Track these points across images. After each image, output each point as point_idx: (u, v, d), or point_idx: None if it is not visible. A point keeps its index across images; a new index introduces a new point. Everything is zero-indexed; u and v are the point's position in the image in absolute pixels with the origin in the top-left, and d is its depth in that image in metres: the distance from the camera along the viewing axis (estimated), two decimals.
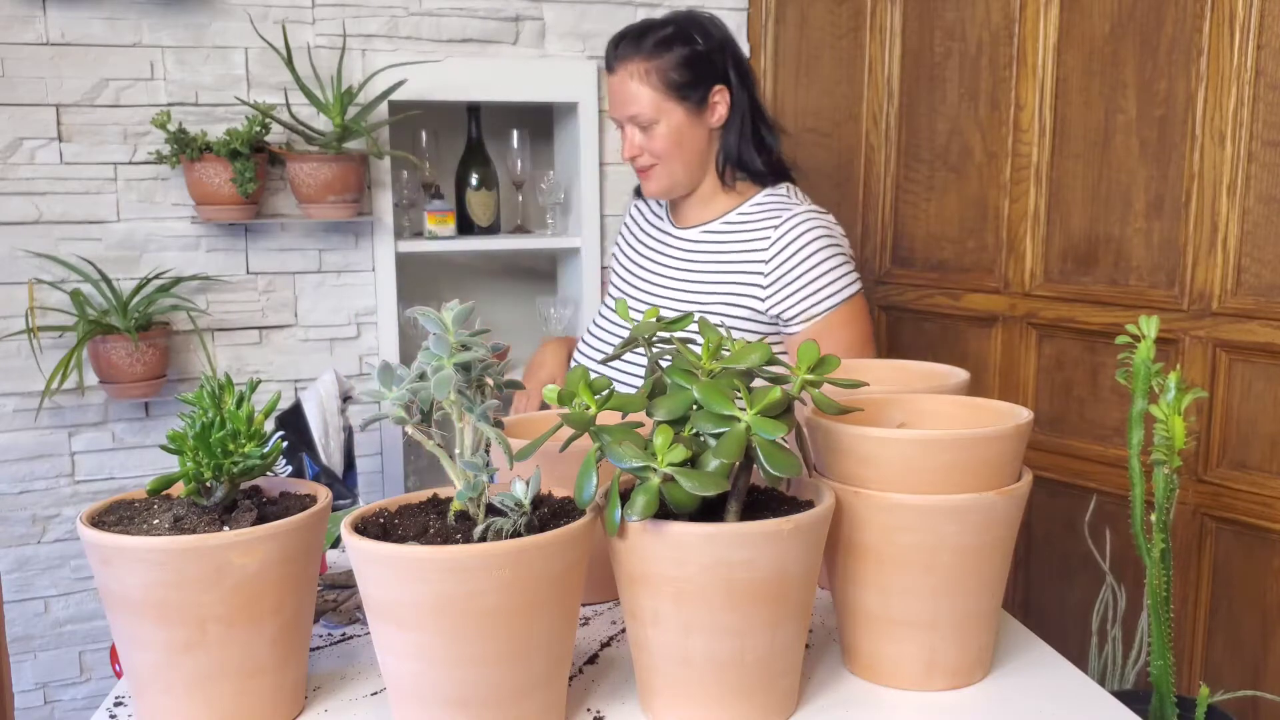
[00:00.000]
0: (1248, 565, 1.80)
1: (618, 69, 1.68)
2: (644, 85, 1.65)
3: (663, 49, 1.65)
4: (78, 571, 2.25)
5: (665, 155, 1.68)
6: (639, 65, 1.65)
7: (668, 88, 1.65)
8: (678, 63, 1.65)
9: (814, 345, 0.95)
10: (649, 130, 1.67)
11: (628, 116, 1.68)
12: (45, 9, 2.08)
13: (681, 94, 1.65)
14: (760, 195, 1.71)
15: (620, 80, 1.68)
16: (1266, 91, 1.71)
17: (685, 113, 1.66)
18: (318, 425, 1.88)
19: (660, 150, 1.68)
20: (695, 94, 1.66)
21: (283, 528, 0.91)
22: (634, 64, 1.66)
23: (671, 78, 1.65)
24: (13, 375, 2.15)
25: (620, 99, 1.68)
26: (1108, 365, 1.96)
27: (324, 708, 1.01)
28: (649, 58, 1.65)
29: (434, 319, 0.91)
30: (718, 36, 1.70)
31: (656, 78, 1.65)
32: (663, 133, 1.66)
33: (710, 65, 1.67)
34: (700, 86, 1.66)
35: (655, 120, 1.66)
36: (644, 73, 1.65)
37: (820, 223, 1.65)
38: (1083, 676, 1.06)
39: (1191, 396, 1.16)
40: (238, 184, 2.10)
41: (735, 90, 1.69)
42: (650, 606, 0.91)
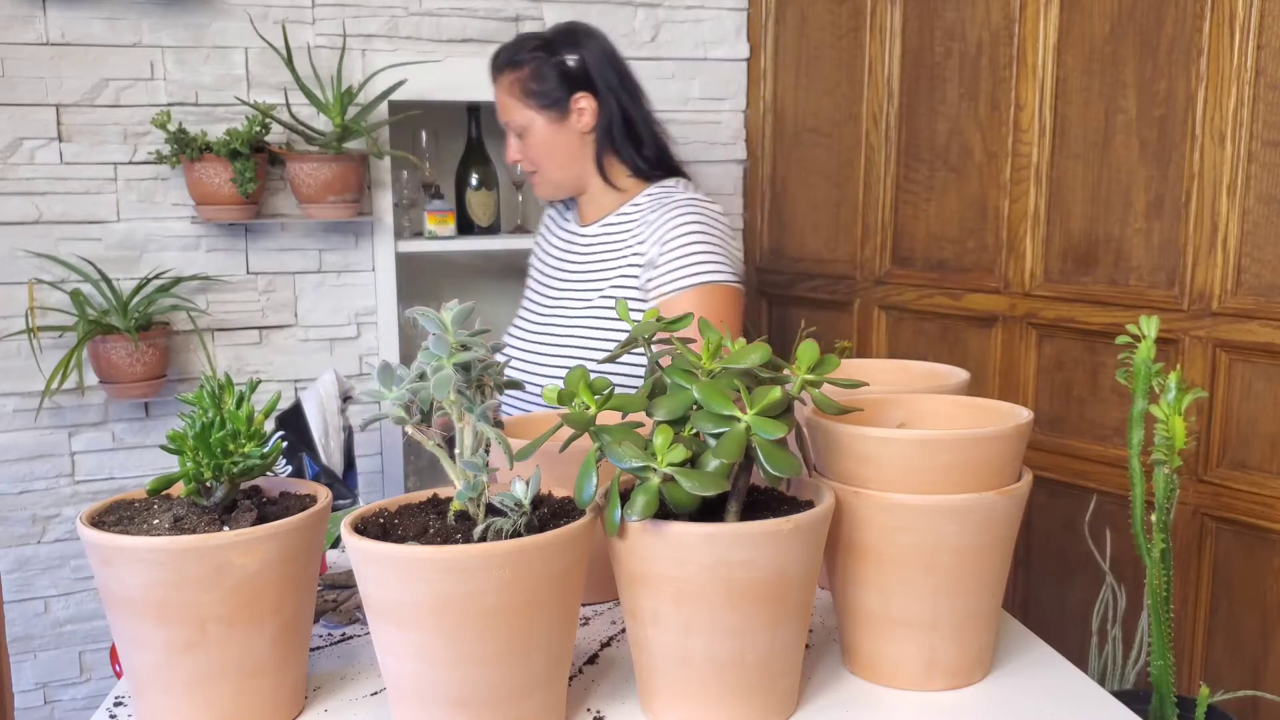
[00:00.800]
0: (1248, 565, 1.80)
1: (495, 81, 1.80)
2: (509, 96, 1.76)
3: (525, 62, 1.75)
4: (78, 571, 2.25)
5: (538, 161, 1.79)
6: (506, 77, 1.77)
7: (528, 97, 1.75)
8: (535, 74, 1.75)
9: (814, 345, 0.95)
10: (523, 138, 1.78)
11: (504, 123, 1.80)
12: (45, 9, 2.08)
13: (541, 103, 1.75)
14: (650, 188, 1.78)
15: (497, 91, 1.80)
16: (1266, 91, 1.71)
17: (547, 120, 1.76)
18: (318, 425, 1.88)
19: (533, 156, 1.79)
20: (555, 102, 1.75)
21: (283, 528, 0.91)
22: (504, 76, 1.77)
23: (530, 88, 1.75)
24: (13, 375, 2.15)
25: (499, 108, 1.80)
26: (1108, 365, 1.96)
27: (324, 708, 1.01)
28: (513, 70, 1.76)
29: (434, 319, 0.91)
30: (588, 47, 1.78)
31: (519, 88, 1.76)
32: (533, 140, 1.77)
33: (570, 75, 1.75)
34: (560, 95, 1.75)
35: (525, 128, 1.77)
36: (509, 84, 1.76)
37: (697, 211, 1.70)
38: (1083, 676, 1.06)
39: (1192, 396, 1.16)
40: (238, 184, 2.10)
41: (604, 96, 1.76)
42: (650, 606, 0.91)
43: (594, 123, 1.77)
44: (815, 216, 2.46)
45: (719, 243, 1.69)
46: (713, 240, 1.68)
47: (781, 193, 2.54)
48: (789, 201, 2.52)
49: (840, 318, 2.42)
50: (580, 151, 1.78)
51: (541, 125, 1.76)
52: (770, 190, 2.56)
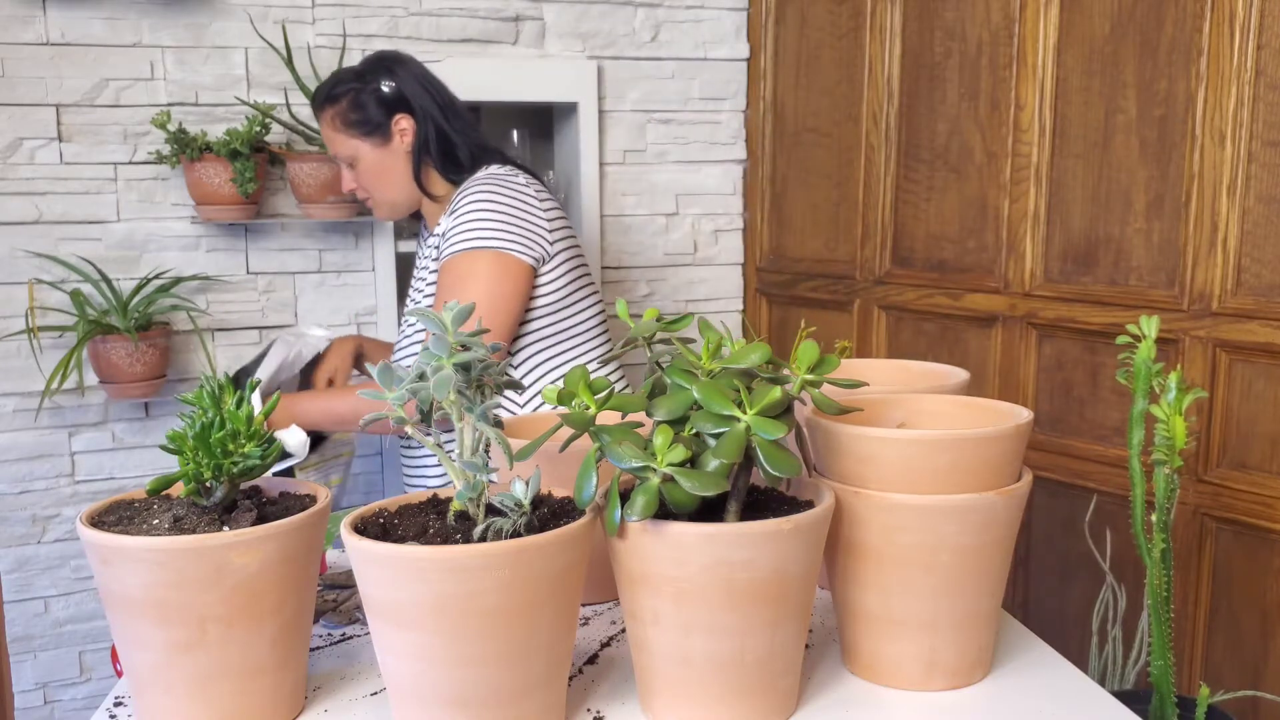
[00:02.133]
0: (1248, 565, 1.80)
1: (319, 119, 1.85)
2: (333, 130, 1.82)
3: (341, 95, 1.80)
4: (78, 571, 2.25)
5: (370, 186, 1.85)
6: (326, 113, 1.82)
7: (349, 127, 1.81)
8: (353, 104, 1.80)
9: (814, 346, 0.95)
10: (354, 167, 1.84)
11: (335, 157, 1.86)
12: (45, 9, 2.08)
13: (363, 130, 1.80)
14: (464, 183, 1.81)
15: (322, 128, 1.85)
16: (1266, 91, 1.71)
17: (372, 146, 1.81)
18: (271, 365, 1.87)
19: (366, 183, 1.85)
20: (377, 127, 1.80)
21: (283, 528, 0.91)
22: (324, 112, 1.83)
23: (350, 118, 1.80)
24: (13, 375, 2.15)
25: (326, 143, 1.86)
26: (1108, 365, 1.96)
27: (324, 708, 1.01)
28: (332, 104, 1.81)
29: (433, 319, 0.91)
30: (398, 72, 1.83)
31: (340, 120, 1.81)
32: (363, 167, 1.83)
33: (386, 100, 1.80)
34: (380, 120, 1.80)
35: (353, 157, 1.82)
36: (331, 118, 1.81)
37: (488, 185, 1.73)
38: (1083, 676, 1.06)
39: (1192, 396, 1.16)
40: (238, 184, 2.10)
41: (419, 113, 1.81)
42: (650, 606, 0.91)
43: (413, 141, 1.82)
44: (815, 216, 2.46)
45: (502, 213, 1.70)
46: (494, 210, 1.70)
47: (781, 193, 2.54)
48: (789, 201, 2.52)
49: (840, 318, 2.42)
50: (406, 172, 1.83)
51: (368, 151, 1.81)
52: (770, 190, 2.56)
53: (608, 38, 2.45)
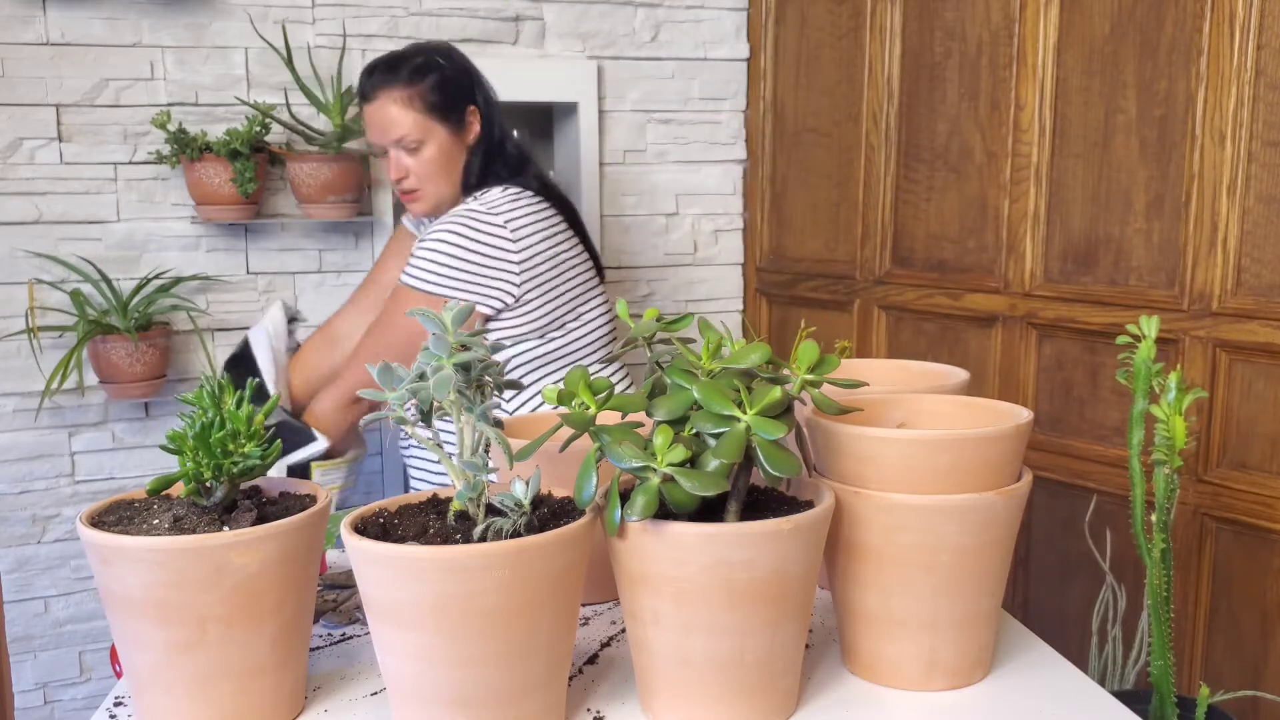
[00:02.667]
0: (1248, 565, 1.80)
1: (376, 96, 1.76)
2: (407, 110, 1.75)
3: (419, 75, 1.75)
4: (78, 571, 2.25)
5: (431, 175, 1.78)
6: (399, 92, 1.75)
7: (429, 110, 1.75)
8: (435, 86, 1.75)
9: (813, 346, 0.95)
10: (415, 153, 1.76)
11: (394, 140, 1.76)
12: (45, 9, 2.08)
13: (443, 115, 1.76)
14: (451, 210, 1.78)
15: (380, 107, 1.76)
16: (1266, 91, 1.71)
17: (448, 132, 1.77)
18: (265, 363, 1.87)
19: (426, 171, 1.78)
20: (454, 114, 1.76)
21: (283, 528, 0.91)
22: (394, 91, 1.75)
23: (432, 100, 1.75)
24: (13, 375, 2.15)
25: (383, 125, 1.77)
26: (1108, 365, 1.96)
27: (324, 708, 1.01)
28: (408, 84, 1.75)
29: (433, 319, 0.91)
30: (459, 61, 1.81)
31: (419, 102, 1.75)
32: (430, 154, 1.76)
33: (461, 87, 1.78)
34: (457, 107, 1.77)
35: (422, 141, 1.75)
36: (406, 99, 1.74)
37: (462, 220, 1.70)
38: (1083, 676, 1.06)
39: (1192, 396, 1.16)
40: (238, 184, 2.10)
41: (483, 109, 1.79)
42: (650, 606, 0.91)
43: (479, 134, 1.79)
44: (815, 216, 2.46)
45: (462, 258, 1.68)
46: (455, 253, 1.68)
47: (781, 193, 2.54)
48: (789, 201, 2.52)
49: (840, 318, 2.42)
50: (461, 166, 1.79)
51: (443, 138, 1.76)
52: (770, 190, 2.56)
53: (608, 38, 2.45)
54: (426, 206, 1.83)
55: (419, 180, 1.79)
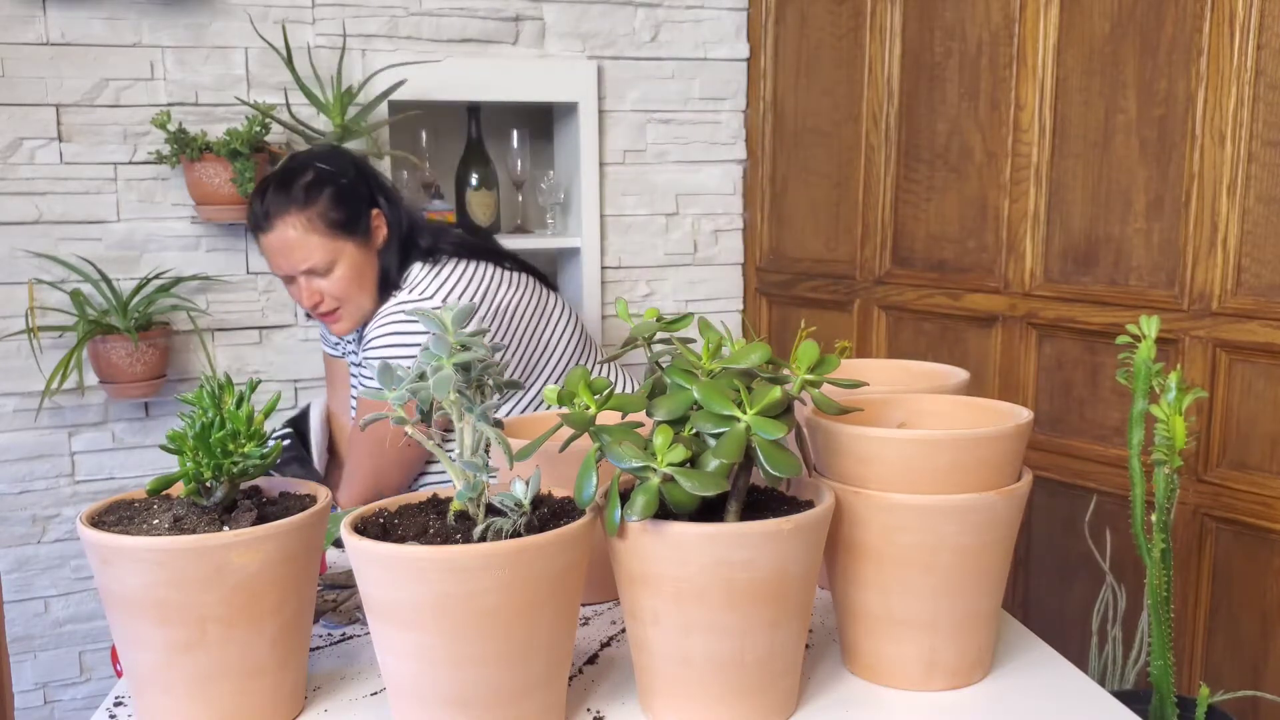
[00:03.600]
0: (1248, 565, 1.80)
1: (273, 225, 1.65)
2: (310, 234, 1.64)
3: (314, 192, 1.65)
4: (78, 571, 2.25)
5: (348, 294, 1.68)
6: (296, 216, 1.64)
7: (333, 228, 1.65)
8: (333, 201, 1.65)
9: (813, 346, 0.95)
10: (327, 274, 1.67)
11: (302, 271, 1.66)
12: (45, 9, 2.08)
13: (348, 230, 1.66)
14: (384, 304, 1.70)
15: (279, 235, 1.65)
16: (1266, 91, 1.71)
17: (355, 246, 1.67)
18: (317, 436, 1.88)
19: (341, 291, 1.67)
20: (359, 225, 1.67)
21: (283, 528, 0.91)
22: (290, 216, 1.64)
23: (333, 218, 1.65)
24: (13, 375, 2.15)
25: (286, 254, 1.66)
26: (1108, 365, 1.96)
27: (324, 708, 1.01)
28: (304, 206, 1.64)
29: (434, 319, 0.91)
30: (349, 163, 1.72)
31: (320, 223, 1.64)
32: (341, 274, 1.66)
33: (359, 195, 1.68)
34: (361, 216, 1.68)
35: (332, 263, 1.66)
36: (305, 223, 1.64)
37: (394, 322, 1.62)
38: (1083, 676, 1.06)
39: (1192, 396, 1.16)
40: (238, 184, 2.10)
41: (385, 210, 1.71)
42: (650, 606, 0.91)
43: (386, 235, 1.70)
44: (815, 216, 2.46)
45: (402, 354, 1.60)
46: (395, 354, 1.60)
47: (781, 193, 2.54)
48: (789, 201, 2.52)
49: (840, 318, 2.42)
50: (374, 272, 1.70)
51: (352, 252, 1.66)
52: (770, 190, 2.56)
53: (608, 38, 2.45)
54: (347, 325, 1.73)
55: (336, 300, 1.69)
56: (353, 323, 1.72)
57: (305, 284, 1.68)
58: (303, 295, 1.69)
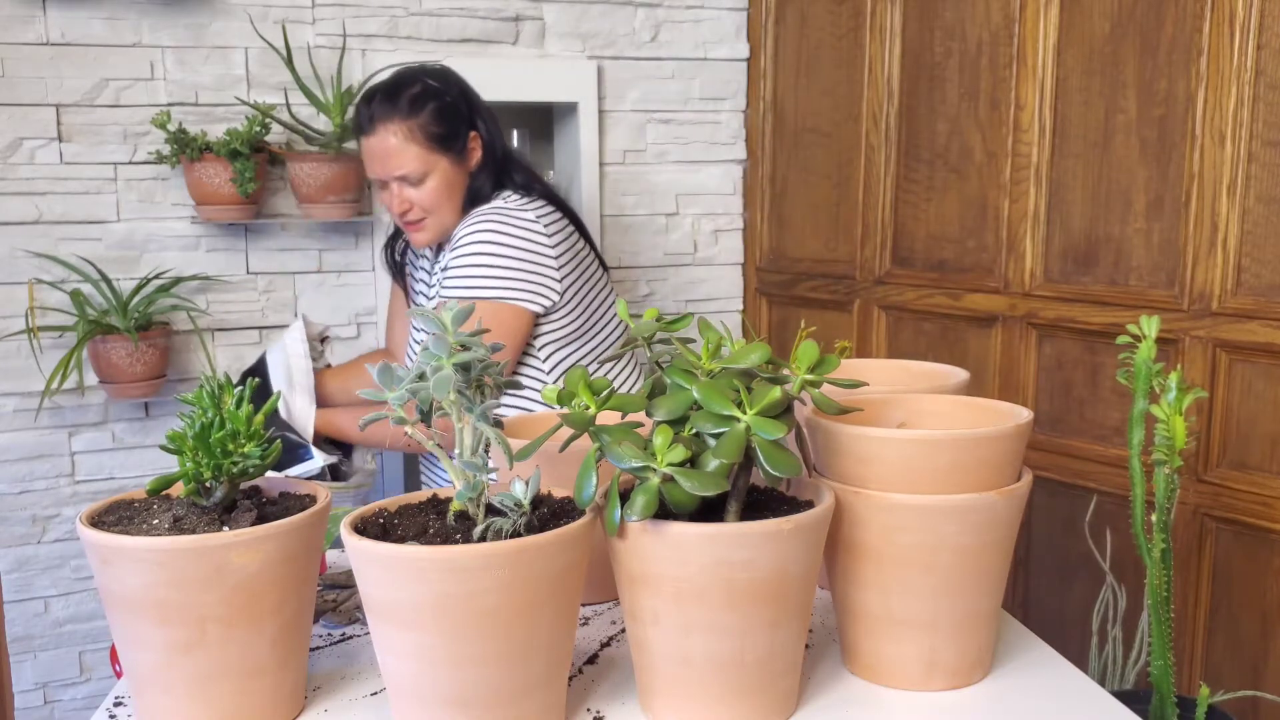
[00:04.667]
0: (1248, 565, 1.80)
1: (375, 130, 1.71)
2: (409, 143, 1.70)
3: (418, 106, 1.70)
4: (78, 571, 2.25)
5: (436, 206, 1.74)
6: (399, 124, 1.70)
7: (431, 141, 1.71)
8: (435, 116, 1.70)
9: (813, 346, 0.95)
10: (418, 185, 1.72)
11: (396, 176, 1.72)
12: (45, 9, 2.08)
13: (445, 145, 1.71)
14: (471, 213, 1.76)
15: (380, 140, 1.71)
16: (1266, 91, 1.71)
17: (450, 162, 1.72)
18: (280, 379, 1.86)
19: (430, 203, 1.74)
20: (456, 143, 1.73)
21: (283, 528, 0.91)
22: (393, 124, 1.70)
23: (433, 131, 1.70)
24: (13, 375, 2.15)
25: (383, 159, 1.72)
26: (1108, 365, 1.96)
27: (324, 708, 1.01)
28: (407, 116, 1.70)
29: (433, 319, 0.91)
30: (457, 85, 1.76)
31: (420, 134, 1.70)
32: (433, 185, 1.72)
33: (460, 114, 1.73)
34: (459, 135, 1.73)
35: (425, 173, 1.71)
36: (406, 131, 1.70)
37: (494, 220, 1.67)
38: (1083, 676, 1.06)
39: (1192, 396, 1.16)
40: (238, 184, 2.10)
41: (484, 134, 1.76)
42: (650, 606, 0.91)
43: (480, 159, 1.75)
44: (815, 216, 2.46)
45: (506, 256, 1.65)
46: (497, 253, 1.65)
47: (781, 193, 2.54)
48: (789, 201, 2.52)
49: (840, 318, 2.42)
50: (464, 190, 1.76)
51: (445, 168, 1.71)
52: (770, 190, 2.56)
53: (608, 38, 2.45)
54: (430, 236, 1.78)
55: (424, 211, 1.75)
56: (434, 234, 1.77)
57: (397, 190, 1.74)
58: (393, 201, 1.75)
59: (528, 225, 1.68)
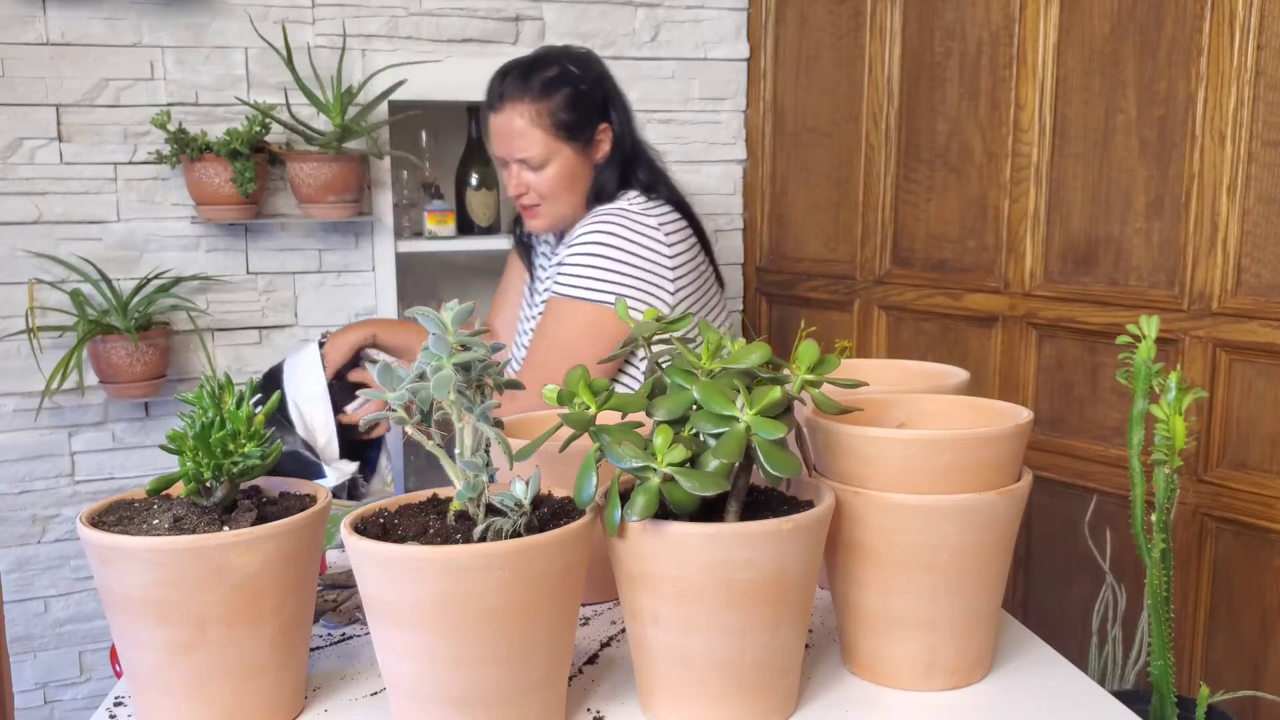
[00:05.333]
0: (1248, 565, 1.80)
1: (504, 107, 1.68)
2: (534, 127, 1.66)
3: (550, 90, 1.66)
4: (78, 571, 2.25)
5: (553, 194, 1.70)
6: (528, 106, 1.66)
7: (558, 128, 1.66)
8: (567, 103, 1.66)
9: (814, 345, 0.95)
10: (538, 170, 1.68)
11: (517, 159, 1.68)
12: (45, 9, 2.08)
13: (571, 134, 1.67)
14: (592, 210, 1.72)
15: (506, 119, 1.68)
16: (1266, 91, 1.71)
17: (574, 152, 1.68)
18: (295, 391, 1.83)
19: (548, 190, 1.69)
20: (584, 133, 1.68)
21: (283, 528, 0.91)
22: (522, 105, 1.66)
23: (561, 118, 1.66)
24: (13, 375, 2.15)
25: (507, 138, 1.68)
26: (1108, 365, 1.96)
27: (324, 708, 1.01)
28: (537, 99, 1.66)
29: (434, 319, 0.91)
30: (596, 72, 1.72)
31: (547, 119, 1.66)
32: (552, 173, 1.68)
33: (594, 104, 1.69)
34: (588, 126, 1.68)
35: (547, 159, 1.67)
36: (534, 114, 1.66)
37: (614, 220, 1.64)
38: (1083, 676, 1.06)
39: (1192, 396, 1.16)
40: (238, 184, 2.10)
41: (615, 126, 1.71)
42: (650, 606, 0.91)
43: (608, 154, 1.71)
44: (815, 216, 2.46)
45: (621, 260, 1.62)
46: (613, 256, 1.62)
47: (781, 193, 2.54)
48: (789, 201, 2.52)
49: (840, 318, 2.42)
50: (587, 184, 1.72)
51: (568, 157, 1.67)
52: (770, 190, 2.56)
53: (608, 38, 2.45)
54: (544, 224, 1.74)
55: (540, 197, 1.71)
56: (549, 222, 1.74)
57: (516, 172, 1.70)
58: (511, 183, 1.72)
59: (648, 231, 1.63)
